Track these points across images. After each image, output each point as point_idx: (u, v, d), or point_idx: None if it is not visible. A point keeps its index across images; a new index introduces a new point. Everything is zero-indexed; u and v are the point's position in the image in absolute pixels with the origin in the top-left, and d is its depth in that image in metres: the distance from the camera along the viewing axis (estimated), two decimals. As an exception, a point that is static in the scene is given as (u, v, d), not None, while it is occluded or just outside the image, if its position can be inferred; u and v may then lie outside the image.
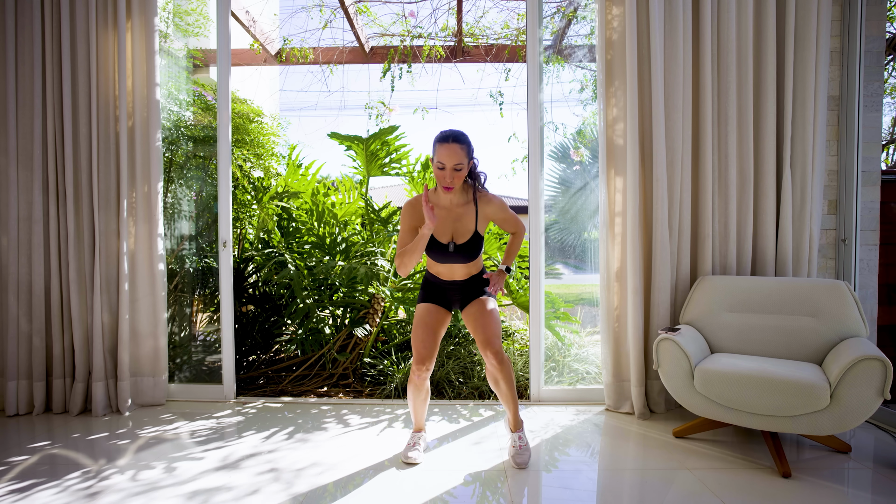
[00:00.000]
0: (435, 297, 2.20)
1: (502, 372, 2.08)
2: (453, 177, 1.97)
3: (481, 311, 2.13)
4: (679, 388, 2.24)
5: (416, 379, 2.12)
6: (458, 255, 2.10)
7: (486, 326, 2.09)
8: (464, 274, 2.18)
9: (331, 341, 3.46)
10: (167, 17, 3.35)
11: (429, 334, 2.11)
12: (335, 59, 4.24)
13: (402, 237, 2.11)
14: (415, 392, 2.18)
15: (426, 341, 2.10)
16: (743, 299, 2.49)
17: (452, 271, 2.17)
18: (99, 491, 1.92)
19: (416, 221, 2.11)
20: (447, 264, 2.15)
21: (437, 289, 2.21)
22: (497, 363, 2.06)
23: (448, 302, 2.21)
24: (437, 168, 1.98)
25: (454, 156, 1.95)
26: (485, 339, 2.08)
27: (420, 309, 2.19)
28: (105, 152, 2.78)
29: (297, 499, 1.87)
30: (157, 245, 2.85)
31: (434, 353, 2.11)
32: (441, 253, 2.10)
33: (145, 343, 2.88)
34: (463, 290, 2.19)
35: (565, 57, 3.94)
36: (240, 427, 2.59)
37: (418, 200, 2.11)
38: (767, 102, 2.66)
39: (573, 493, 1.92)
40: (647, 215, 2.72)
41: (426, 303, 2.19)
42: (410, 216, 2.10)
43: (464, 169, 1.99)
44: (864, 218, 2.80)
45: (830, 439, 2.27)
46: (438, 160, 1.97)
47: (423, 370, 2.10)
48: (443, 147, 1.97)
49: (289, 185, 3.79)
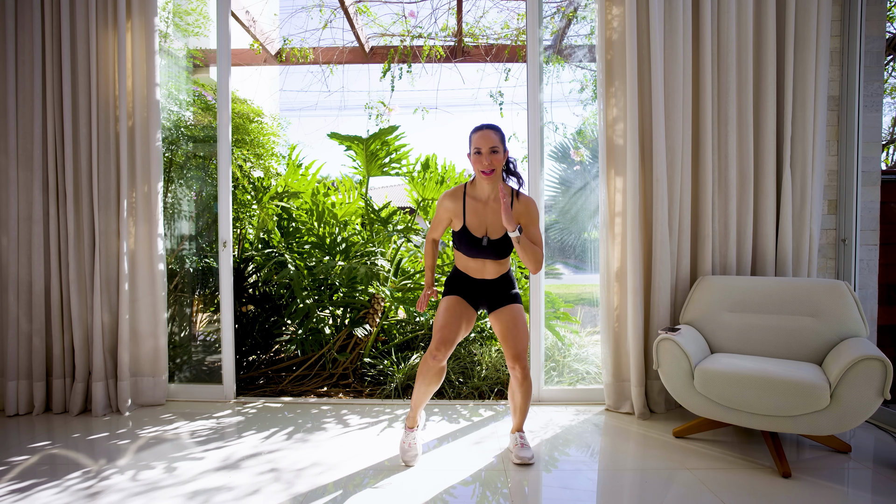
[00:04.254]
0: (464, 292, 2.17)
1: (524, 387, 2.10)
2: (491, 159, 2.01)
3: (514, 323, 2.10)
4: (679, 388, 2.24)
5: (431, 361, 2.03)
6: (490, 250, 2.08)
7: (518, 340, 2.08)
8: (494, 272, 2.16)
9: (331, 341, 3.46)
10: (167, 17, 3.34)
11: (454, 319, 2.08)
12: (335, 59, 4.24)
13: (434, 222, 2.21)
14: (425, 374, 2.07)
15: (451, 324, 2.06)
16: (743, 299, 2.49)
17: (484, 268, 2.15)
18: (99, 491, 1.92)
19: (449, 214, 2.14)
20: (479, 259, 2.14)
21: (466, 285, 2.18)
22: (522, 378, 2.08)
23: (475, 301, 2.18)
24: (475, 154, 2.02)
25: (489, 140, 2.01)
26: (515, 353, 2.07)
27: (448, 300, 2.15)
28: (105, 152, 2.78)
29: (297, 499, 1.87)
30: (157, 245, 2.85)
31: (455, 340, 2.07)
32: (474, 247, 2.08)
33: (145, 343, 2.88)
34: (492, 290, 2.17)
35: (565, 57, 3.94)
36: (240, 427, 2.59)
37: (455, 193, 2.13)
38: (767, 102, 2.66)
39: (573, 493, 1.92)
40: (647, 215, 2.72)
41: (455, 295, 2.16)
42: (444, 208, 2.14)
43: (500, 152, 2.02)
44: (864, 218, 2.80)
45: (830, 439, 2.27)
46: (475, 146, 2.03)
47: (441, 355, 2.02)
48: (476, 134, 2.04)
49: (289, 185, 3.79)
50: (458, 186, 2.15)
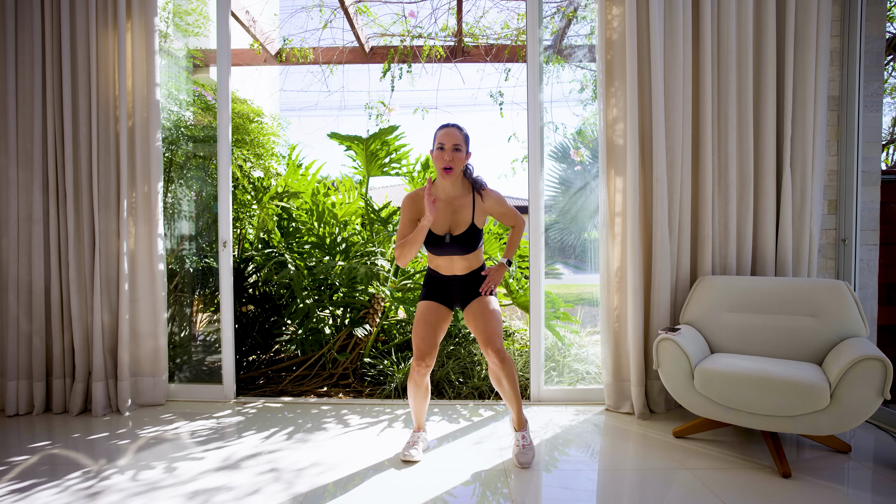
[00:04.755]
0: (436, 294, 2.22)
1: (504, 370, 2.09)
2: (452, 156, 2.04)
3: (482, 310, 2.14)
4: (679, 388, 2.24)
5: (416, 376, 2.14)
6: (455, 246, 2.12)
7: (488, 324, 2.11)
8: (464, 268, 2.19)
9: (331, 341, 3.46)
10: (167, 17, 3.34)
11: (429, 331, 2.13)
12: (335, 59, 4.24)
13: (402, 229, 2.16)
14: (414, 389, 2.19)
15: (426, 338, 2.12)
16: (743, 299, 2.49)
17: (452, 264, 2.19)
18: (99, 491, 1.92)
19: (416, 214, 2.15)
20: (446, 257, 2.17)
21: (438, 285, 2.22)
22: (499, 361, 2.08)
23: (449, 299, 2.22)
24: (437, 150, 2.06)
25: (452, 137, 2.05)
26: (486, 337, 2.09)
27: (421, 306, 2.20)
28: (105, 152, 2.78)
29: (297, 499, 1.87)
30: (157, 245, 2.85)
31: (434, 350, 2.13)
32: (438, 245, 2.12)
33: (145, 343, 2.88)
34: (464, 286, 2.20)
35: (565, 57, 3.94)
36: (240, 427, 2.59)
37: (418, 194, 2.17)
38: (767, 102, 2.66)
39: (573, 493, 1.92)
40: (647, 215, 2.72)
41: (427, 300, 2.21)
42: (410, 209, 2.15)
43: (462, 150, 2.06)
44: (864, 218, 2.80)
45: (830, 439, 2.27)
46: (438, 142, 2.06)
47: (423, 367, 2.12)
48: (442, 131, 2.08)
49: (289, 185, 3.79)
50: (418, 189, 2.20)
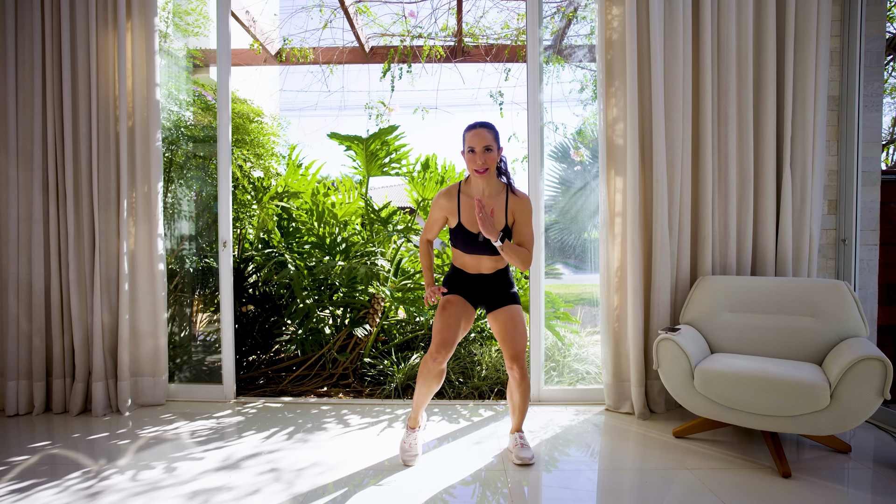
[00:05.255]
0: (462, 290, 2.19)
1: (522, 387, 2.11)
2: (485, 158, 2.01)
3: (512, 323, 2.12)
4: (679, 388, 2.24)
5: (431, 363, 2.05)
6: (486, 245, 2.09)
7: (516, 340, 2.10)
8: (490, 267, 2.17)
9: (331, 341, 3.46)
10: (167, 17, 3.34)
11: (453, 319, 2.09)
12: (335, 59, 4.24)
13: (428, 225, 2.21)
14: (425, 376, 2.08)
15: (451, 325, 2.08)
16: (743, 299, 2.49)
17: (479, 263, 2.17)
18: (99, 491, 1.92)
19: (445, 213, 2.15)
20: (475, 255, 2.15)
21: (463, 282, 2.19)
22: (520, 378, 2.09)
23: (474, 298, 2.20)
24: (469, 153, 2.03)
25: (483, 138, 2.01)
26: (514, 353, 2.08)
27: (448, 298, 2.16)
28: (105, 152, 2.78)
29: (297, 499, 1.87)
30: (157, 245, 2.85)
31: (455, 341, 2.08)
32: (470, 243, 2.09)
33: (145, 343, 2.88)
34: (489, 286, 2.18)
35: (565, 57, 3.94)
36: (240, 427, 2.59)
37: (450, 192, 2.14)
38: (767, 102, 2.66)
39: (573, 493, 1.92)
40: (647, 215, 2.72)
41: (454, 294, 2.18)
42: (440, 207, 2.15)
43: (494, 151, 2.03)
44: (864, 218, 2.80)
45: (830, 439, 2.27)
46: (468, 145, 2.03)
47: (441, 357, 2.04)
48: (470, 133, 2.03)
49: (289, 185, 3.79)
50: (452, 185, 2.17)
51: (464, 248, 2.13)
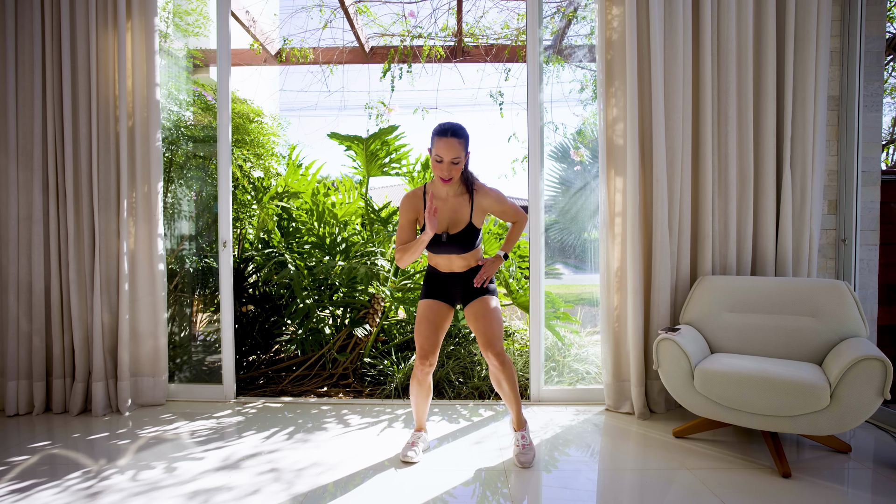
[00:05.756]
0: (436, 292, 2.22)
1: (504, 372, 2.10)
2: (451, 169, 2.01)
3: (484, 311, 2.14)
4: (679, 388, 2.24)
5: (420, 374, 2.15)
6: (452, 245, 2.11)
7: (489, 327, 2.11)
8: (462, 266, 2.19)
9: (331, 341, 3.46)
10: (167, 17, 3.34)
11: (431, 330, 2.14)
12: (335, 59, 4.24)
13: (401, 231, 2.17)
14: (417, 388, 2.20)
15: (430, 337, 2.13)
16: (743, 299, 2.49)
17: (450, 262, 2.19)
18: (99, 491, 1.92)
19: (414, 214, 2.15)
20: (444, 255, 2.17)
21: (438, 282, 2.22)
22: (499, 364, 2.09)
23: (450, 296, 2.22)
24: (436, 160, 2.02)
25: (452, 150, 1.99)
26: (487, 340, 2.09)
27: (422, 305, 2.20)
28: (105, 152, 2.78)
29: (297, 499, 1.87)
30: (157, 245, 2.85)
31: (437, 349, 2.14)
32: (435, 244, 2.12)
33: (145, 343, 2.88)
34: (463, 283, 2.20)
35: (565, 57, 3.94)
36: (240, 427, 2.59)
37: (416, 193, 2.16)
38: (767, 102, 2.66)
39: (573, 493, 1.92)
40: (647, 215, 2.72)
41: (428, 299, 2.21)
42: (408, 209, 2.14)
43: (461, 162, 2.03)
44: (864, 218, 2.80)
45: (830, 439, 2.27)
46: (437, 153, 2.01)
47: (427, 366, 2.13)
48: (441, 141, 2.00)
49: (289, 185, 3.79)
50: (417, 188, 2.19)
51: (432, 249, 2.16)
